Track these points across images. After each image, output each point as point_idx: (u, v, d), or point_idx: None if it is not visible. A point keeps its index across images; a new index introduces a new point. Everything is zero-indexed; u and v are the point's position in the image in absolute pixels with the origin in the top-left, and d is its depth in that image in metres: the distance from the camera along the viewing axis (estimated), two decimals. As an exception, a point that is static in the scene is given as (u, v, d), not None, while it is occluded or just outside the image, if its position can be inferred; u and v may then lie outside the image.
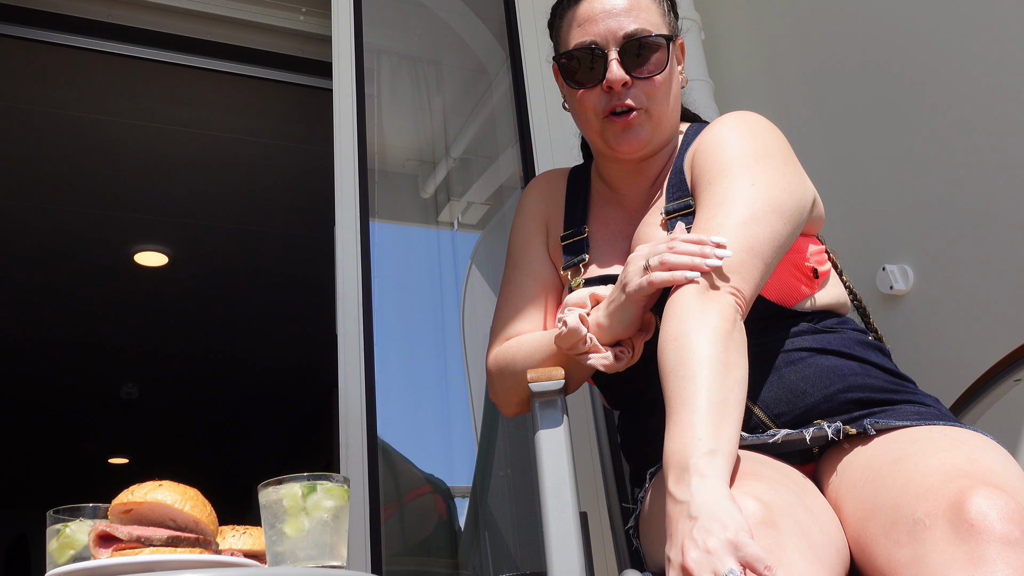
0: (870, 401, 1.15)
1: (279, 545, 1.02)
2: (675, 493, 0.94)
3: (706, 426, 0.97)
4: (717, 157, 1.25)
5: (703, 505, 0.90)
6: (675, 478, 0.95)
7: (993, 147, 1.73)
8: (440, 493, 2.22)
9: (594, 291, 1.23)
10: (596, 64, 1.33)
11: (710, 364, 1.01)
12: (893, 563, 0.91)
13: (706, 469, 0.93)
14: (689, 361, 1.02)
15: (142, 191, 4.16)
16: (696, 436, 0.96)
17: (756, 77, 2.42)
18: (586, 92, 1.35)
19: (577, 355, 1.21)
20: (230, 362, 5.95)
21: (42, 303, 5.02)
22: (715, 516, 0.88)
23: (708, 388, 0.99)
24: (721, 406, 0.99)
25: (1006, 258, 1.69)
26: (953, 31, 1.84)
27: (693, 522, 0.89)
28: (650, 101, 1.33)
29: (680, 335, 1.05)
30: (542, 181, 1.54)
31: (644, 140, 1.34)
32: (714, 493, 0.91)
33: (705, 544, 0.86)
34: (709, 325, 1.05)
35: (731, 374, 1.02)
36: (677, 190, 1.33)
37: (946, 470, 0.94)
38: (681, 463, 0.95)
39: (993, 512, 0.85)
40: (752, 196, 1.18)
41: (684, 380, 1.01)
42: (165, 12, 2.66)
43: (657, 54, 1.33)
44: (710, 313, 1.06)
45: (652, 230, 1.32)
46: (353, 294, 2.05)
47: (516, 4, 2.56)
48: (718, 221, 1.16)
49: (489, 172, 2.54)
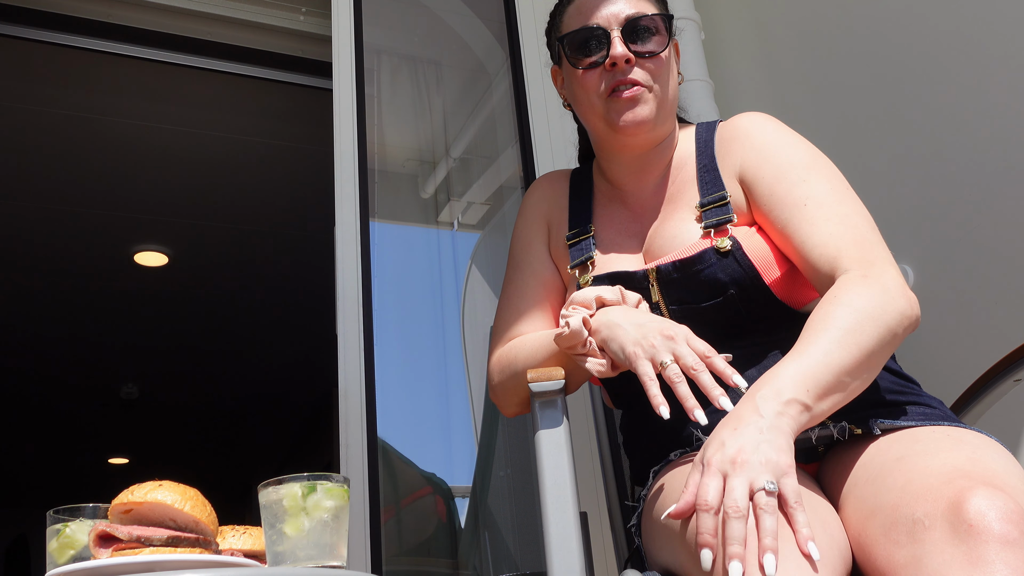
0: (877, 402, 1.15)
1: (279, 545, 1.02)
2: (760, 405, 0.98)
3: (819, 386, 1.00)
4: (788, 154, 1.27)
5: (778, 431, 0.95)
6: (767, 394, 0.99)
7: (993, 147, 1.73)
8: (441, 494, 2.22)
9: (600, 294, 1.22)
10: (599, 43, 1.34)
11: (857, 344, 1.04)
12: (893, 564, 0.91)
13: (795, 413, 0.98)
14: (841, 325, 1.04)
15: (142, 191, 4.16)
16: (806, 386, 1.00)
17: (756, 77, 2.42)
18: (588, 73, 1.35)
19: (575, 356, 1.21)
20: (230, 362, 5.95)
21: (42, 303, 5.02)
22: (782, 445, 0.94)
23: (841, 360, 1.02)
24: (840, 384, 1.02)
25: (1006, 258, 1.69)
26: (953, 31, 1.84)
27: (761, 435, 0.94)
28: (653, 79, 1.33)
29: (849, 303, 1.07)
30: (544, 182, 1.54)
31: (648, 117, 1.32)
32: (789, 431, 0.96)
33: (760, 458, 0.92)
34: (882, 310, 1.07)
35: (865, 366, 1.05)
36: (713, 184, 1.32)
37: (946, 470, 0.94)
38: (780, 389, 0.99)
39: (992, 512, 0.85)
40: (847, 191, 1.23)
41: (827, 335, 1.04)
42: (165, 12, 2.66)
43: (658, 35, 1.35)
44: (892, 305, 1.08)
45: (683, 225, 1.30)
46: (353, 294, 2.05)
47: (516, 4, 2.56)
48: (841, 211, 1.19)
49: (489, 172, 2.54)
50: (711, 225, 1.26)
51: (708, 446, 0.97)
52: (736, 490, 0.90)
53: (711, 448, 0.96)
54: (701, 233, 1.27)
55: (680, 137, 1.43)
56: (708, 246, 1.23)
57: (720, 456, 0.94)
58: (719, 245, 1.22)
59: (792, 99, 2.28)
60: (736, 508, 0.88)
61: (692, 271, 1.22)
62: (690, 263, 1.23)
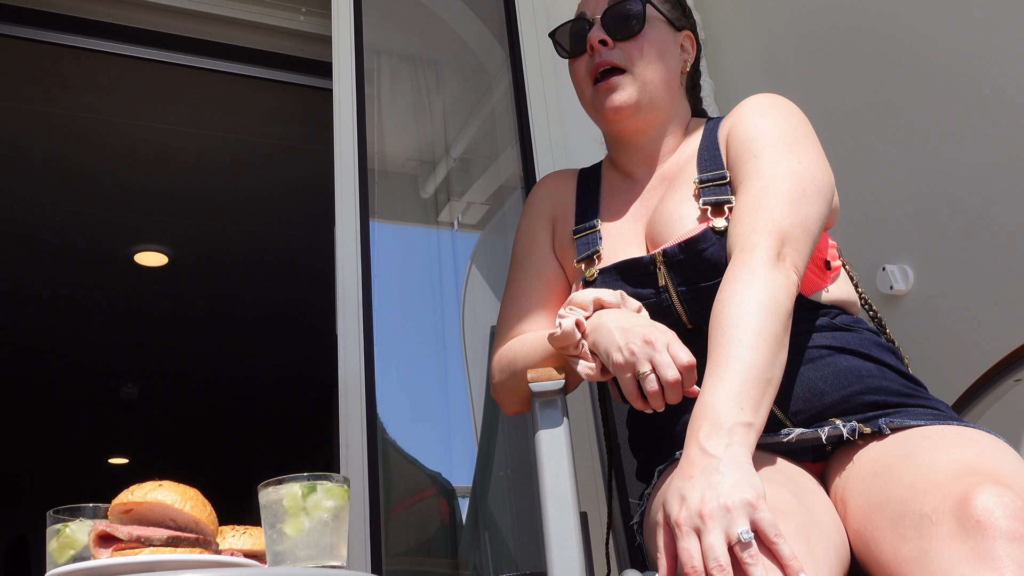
0: (886, 404, 1.16)
1: (279, 545, 1.02)
2: (706, 445, 0.96)
3: (750, 398, 0.99)
4: (760, 131, 1.27)
5: (733, 465, 0.93)
6: (708, 431, 0.97)
7: (993, 147, 1.73)
8: (444, 494, 2.22)
9: (600, 296, 1.23)
10: (583, 32, 1.41)
11: (767, 338, 1.03)
12: (899, 558, 0.91)
13: (741, 439, 0.96)
14: (748, 327, 1.04)
15: (142, 191, 4.16)
16: (739, 404, 0.99)
17: (756, 77, 2.42)
18: (575, 61, 1.43)
19: (567, 356, 1.21)
20: (230, 362, 5.95)
21: (42, 303, 5.02)
22: (743, 477, 0.91)
23: (760, 361, 1.02)
24: (766, 384, 1.02)
25: (1006, 258, 1.69)
26: (953, 31, 1.84)
27: (720, 477, 0.92)
28: (630, 61, 1.38)
29: (744, 299, 1.07)
30: (549, 180, 1.55)
31: (627, 102, 1.36)
32: (744, 459, 0.95)
33: (726, 501, 0.89)
34: (774, 298, 1.07)
35: (780, 354, 1.05)
36: (712, 162, 1.33)
37: (955, 467, 0.94)
38: (718, 420, 0.98)
39: (999, 509, 0.85)
40: (800, 174, 1.20)
41: (739, 344, 1.03)
42: (165, 12, 2.66)
43: (636, 18, 1.39)
44: (778, 286, 1.08)
45: (680, 206, 1.31)
46: (353, 294, 2.05)
47: (516, 4, 2.56)
48: (772, 192, 1.17)
49: (489, 172, 2.54)
50: (709, 203, 1.27)
51: (669, 501, 0.95)
52: (715, 547, 0.88)
53: (673, 504, 0.94)
54: (698, 214, 1.28)
55: (695, 125, 1.45)
56: (707, 226, 1.24)
57: (686, 513, 0.91)
58: (716, 225, 1.23)
59: (792, 99, 2.27)
60: (720, 567, 0.87)
61: (696, 251, 1.23)
62: (694, 243, 1.23)
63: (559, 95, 2.44)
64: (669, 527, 0.94)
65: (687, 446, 0.99)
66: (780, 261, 1.11)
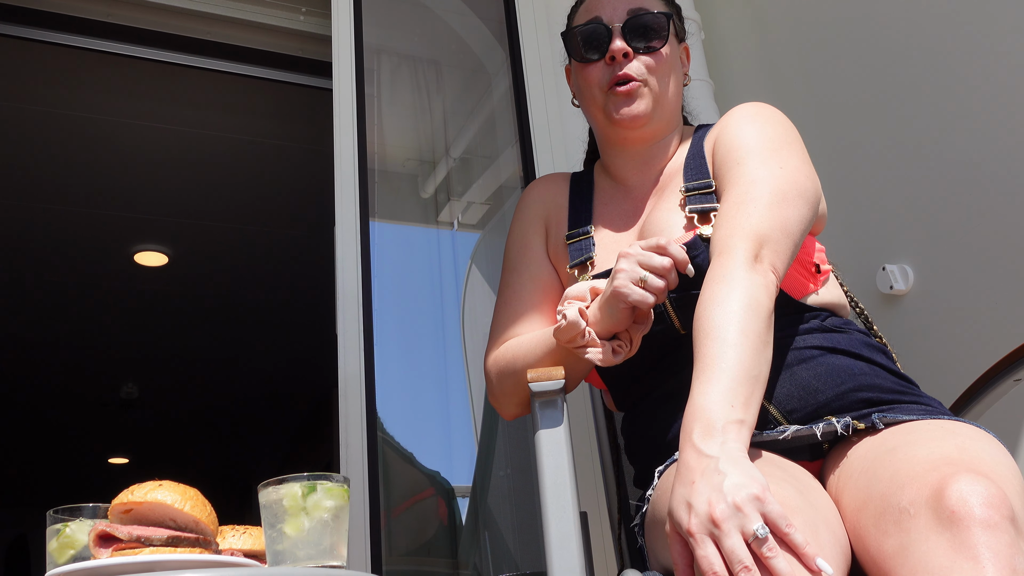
0: (880, 400, 1.16)
1: (279, 545, 1.02)
2: (702, 447, 0.96)
3: (739, 396, 0.99)
4: (743, 139, 1.28)
5: (732, 462, 0.93)
6: (702, 433, 0.97)
7: (993, 147, 1.73)
8: (443, 494, 2.22)
9: (594, 285, 1.23)
10: (600, 38, 1.39)
11: (751, 336, 1.04)
12: (883, 553, 0.91)
13: (734, 436, 0.96)
14: (731, 327, 1.05)
15: (142, 191, 4.16)
16: (729, 402, 0.99)
17: (756, 77, 2.42)
18: (591, 66, 1.41)
19: (575, 348, 1.21)
20: (230, 362, 5.95)
21: (42, 303, 5.02)
22: (744, 473, 0.91)
23: (746, 359, 1.02)
24: (754, 380, 1.02)
25: (1006, 258, 1.69)
26: (953, 31, 1.84)
27: (722, 477, 0.91)
28: (650, 75, 1.38)
29: (724, 301, 1.08)
30: (541, 184, 1.55)
31: (644, 112, 1.37)
32: (741, 455, 0.95)
33: (734, 499, 0.89)
34: (754, 297, 1.08)
35: (764, 352, 1.05)
36: (698, 171, 1.35)
37: (933, 459, 0.95)
38: (711, 421, 0.97)
39: (973, 497, 0.85)
40: (781, 178, 1.21)
41: (723, 344, 1.03)
42: (165, 12, 2.65)
43: (658, 31, 1.39)
44: (757, 286, 1.09)
45: (668, 215, 1.32)
46: (353, 294, 2.05)
47: (516, 4, 2.56)
48: (752, 196, 1.19)
49: (489, 172, 2.54)
50: (695, 211, 1.28)
51: (676, 512, 0.93)
52: (737, 550, 0.87)
53: (681, 514, 0.92)
54: (685, 222, 1.29)
55: (686, 134, 1.47)
56: (695, 234, 1.26)
57: (697, 520, 0.90)
58: (703, 233, 1.25)
59: (792, 99, 2.28)
60: (746, 568, 0.86)
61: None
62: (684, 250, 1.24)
63: (559, 95, 2.44)
64: (680, 538, 0.93)
65: (682, 450, 0.98)
66: (758, 262, 1.12)
